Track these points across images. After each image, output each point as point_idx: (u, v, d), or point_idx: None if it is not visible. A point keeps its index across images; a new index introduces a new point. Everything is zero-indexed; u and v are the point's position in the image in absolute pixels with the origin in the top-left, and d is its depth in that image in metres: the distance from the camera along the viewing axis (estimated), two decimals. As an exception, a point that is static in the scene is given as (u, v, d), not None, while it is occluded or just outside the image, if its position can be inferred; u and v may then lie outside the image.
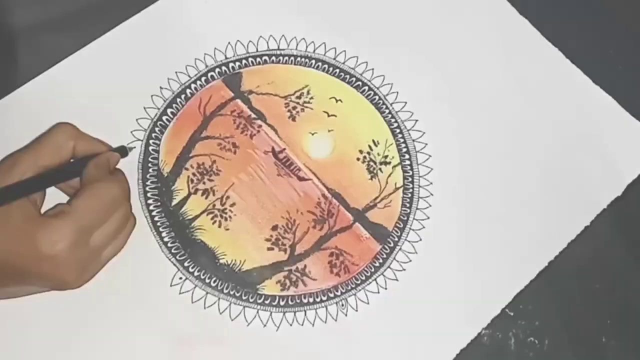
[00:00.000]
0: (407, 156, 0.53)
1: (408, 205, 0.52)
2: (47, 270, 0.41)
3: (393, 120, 0.54)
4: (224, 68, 0.55)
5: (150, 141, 0.52)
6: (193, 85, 0.54)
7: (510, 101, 0.56)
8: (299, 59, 0.56)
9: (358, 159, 0.53)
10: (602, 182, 0.53)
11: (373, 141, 0.54)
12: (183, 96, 0.54)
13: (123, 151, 0.49)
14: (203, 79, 0.54)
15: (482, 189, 0.53)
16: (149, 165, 0.51)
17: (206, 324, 0.47)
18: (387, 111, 0.55)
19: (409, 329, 0.48)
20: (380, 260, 0.50)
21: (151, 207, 0.50)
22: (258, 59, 0.55)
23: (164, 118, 0.53)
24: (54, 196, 0.46)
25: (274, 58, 0.56)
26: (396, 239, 0.51)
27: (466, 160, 0.54)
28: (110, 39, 0.55)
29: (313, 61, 0.56)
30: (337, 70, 0.56)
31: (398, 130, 0.54)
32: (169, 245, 0.49)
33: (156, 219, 0.50)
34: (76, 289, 0.43)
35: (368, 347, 0.48)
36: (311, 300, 0.49)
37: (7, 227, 0.40)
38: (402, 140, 0.54)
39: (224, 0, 0.57)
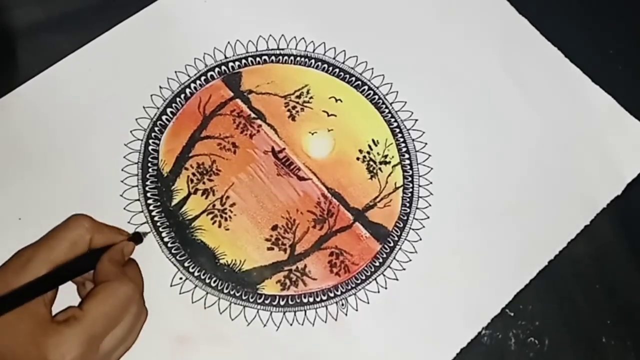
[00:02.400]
0: (406, 155, 0.53)
1: (408, 204, 0.52)
2: None
3: (393, 119, 0.54)
4: (223, 67, 0.55)
5: (150, 141, 0.52)
6: (193, 85, 0.54)
7: (509, 100, 0.56)
8: (298, 58, 0.56)
9: (358, 159, 0.53)
10: (601, 182, 0.53)
11: (373, 141, 0.54)
12: (183, 96, 0.53)
13: (137, 238, 0.47)
14: (203, 78, 0.54)
15: (481, 188, 0.53)
16: (149, 165, 0.51)
17: (206, 324, 0.47)
18: (386, 110, 0.55)
19: (409, 328, 0.48)
20: (380, 260, 0.50)
21: (151, 207, 0.50)
22: (258, 59, 0.55)
23: (163, 117, 0.53)
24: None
25: (273, 58, 0.56)
26: (396, 239, 0.51)
27: (466, 159, 0.54)
28: (110, 38, 0.55)
29: (312, 61, 0.56)
30: (337, 70, 0.55)
31: (398, 130, 0.54)
32: (169, 245, 0.49)
33: (156, 219, 0.50)
34: None
35: (368, 347, 0.48)
36: (311, 299, 0.49)
37: (16, 332, 0.38)
38: (401, 139, 0.54)
39: (223, 0, 0.57)
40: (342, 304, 0.49)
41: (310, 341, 0.47)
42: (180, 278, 0.48)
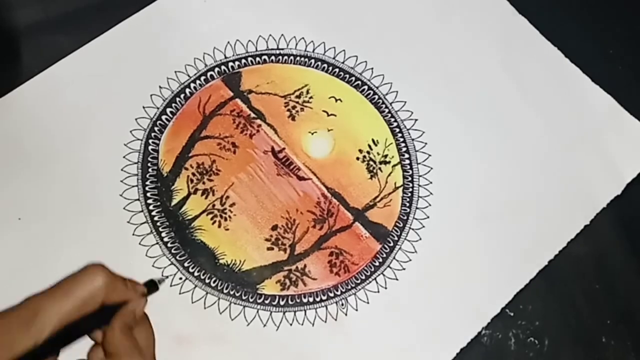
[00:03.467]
0: (406, 155, 0.53)
1: (408, 204, 0.52)
2: None
3: (392, 119, 0.54)
4: (223, 67, 0.55)
5: (150, 141, 0.52)
6: (192, 85, 0.54)
7: (509, 100, 0.56)
8: (298, 58, 0.56)
9: (358, 158, 0.53)
10: (601, 181, 0.53)
11: (373, 140, 0.54)
12: (182, 95, 0.53)
13: (153, 285, 0.42)
14: (202, 78, 0.54)
15: (481, 188, 0.53)
16: (149, 165, 0.51)
17: (206, 324, 0.47)
18: (386, 110, 0.55)
19: (409, 328, 0.48)
20: (380, 260, 0.50)
21: (151, 207, 0.50)
22: (257, 59, 0.55)
23: (163, 117, 0.53)
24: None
25: (273, 57, 0.56)
26: (396, 238, 0.51)
27: (466, 159, 0.53)
28: (110, 38, 0.55)
29: (312, 60, 0.56)
30: (337, 70, 0.55)
31: (398, 130, 0.54)
32: (169, 245, 0.49)
33: (156, 218, 0.50)
34: None
35: (368, 347, 0.48)
36: (311, 299, 0.49)
37: None
38: (401, 139, 0.54)
39: (223, 0, 0.57)
40: (342, 304, 0.49)
41: (310, 341, 0.47)
42: (180, 278, 0.48)
